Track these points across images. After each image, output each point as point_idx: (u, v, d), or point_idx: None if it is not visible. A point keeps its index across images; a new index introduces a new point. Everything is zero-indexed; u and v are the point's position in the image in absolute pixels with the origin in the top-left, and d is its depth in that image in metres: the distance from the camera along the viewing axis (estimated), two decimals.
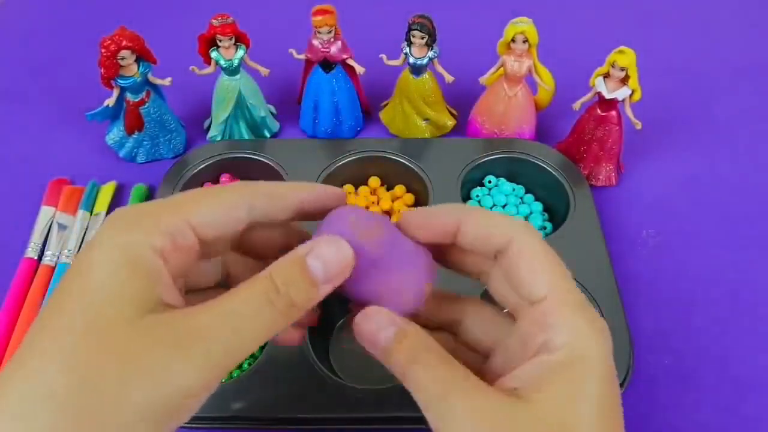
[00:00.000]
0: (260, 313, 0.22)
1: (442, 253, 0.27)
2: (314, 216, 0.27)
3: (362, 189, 0.56)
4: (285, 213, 0.26)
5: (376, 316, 0.24)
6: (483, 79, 0.58)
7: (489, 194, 0.55)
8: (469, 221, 0.25)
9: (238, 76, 0.57)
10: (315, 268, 0.23)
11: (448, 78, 0.57)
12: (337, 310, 0.48)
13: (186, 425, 0.40)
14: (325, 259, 0.23)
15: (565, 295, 0.23)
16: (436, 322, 0.27)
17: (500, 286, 0.26)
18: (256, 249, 0.28)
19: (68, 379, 0.19)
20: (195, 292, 0.27)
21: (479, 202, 0.55)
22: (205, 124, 0.62)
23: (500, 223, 0.25)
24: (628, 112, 0.53)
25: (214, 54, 0.55)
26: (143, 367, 0.20)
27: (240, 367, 0.45)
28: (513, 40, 0.53)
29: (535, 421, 0.20)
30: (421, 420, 0.41)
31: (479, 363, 0.27)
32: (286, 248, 0.24)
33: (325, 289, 0.24)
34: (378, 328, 0.24)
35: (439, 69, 0.57)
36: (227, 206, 0.24)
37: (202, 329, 0.21)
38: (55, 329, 0.20)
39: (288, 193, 0.26)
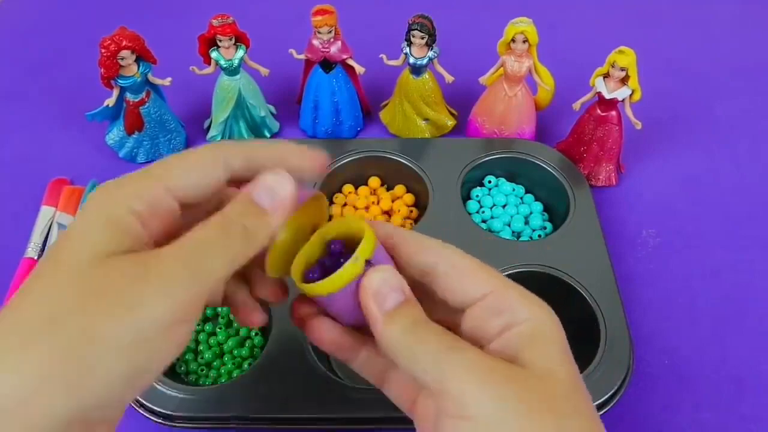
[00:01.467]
0: (218, 239, 0.23)
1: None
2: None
3: (362, 189, 0.56)
4: (261, 167, 0.26)
5: (389, 276, 0.25)
6: (483, 79, 0.58)
7: (489, 194, 0.55)
8: (401, 244, 0.27)
9: (238, 76, 0.57)
10: (261, 198, 0.25)
11: (448, 78, 0.57)
12: None
13: (186, 425, 0.41)
14: (268, 187, 0.25)
15: (508, 286, 0.26)
16: (415, 268, 0.27)
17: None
18: None
19: (39, 314, 0.21)
20: None
21: (479, 202, 0.55)
22: (205, 124, 0.62)
23: (429, 248, 0.27)
24: (628, 112, 0.53)
25: (214, 54, 0.55)
26: (109, 299, 0.21)
27: (240, 366, 0.45)
28: (513, 40, 0.53)
29: (528, 373, 0.23)
30: None
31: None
32: None
33: (275, 218, 0.25)
34: (389, 289, 0.25)
35: (439, 69, 0.57)
36: (202, 166, 0.25)
37: (164, 259, 0.22)
38: (36, 274, 0.22)
39: (261, 149, 0.27)
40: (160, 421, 0.40)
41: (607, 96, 0.52)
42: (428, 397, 0.27)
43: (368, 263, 0.25)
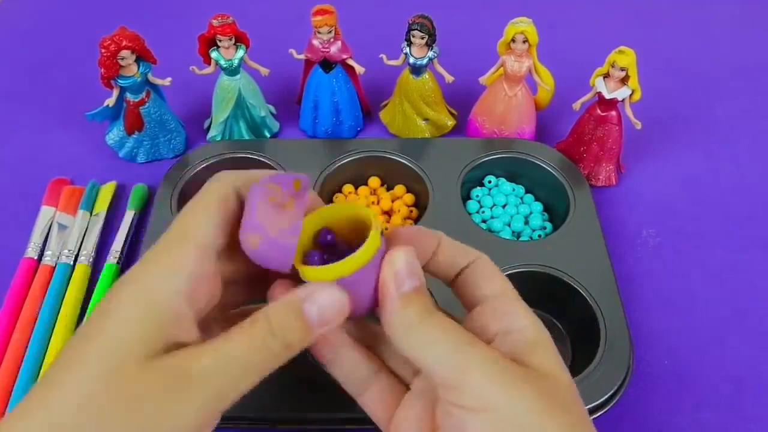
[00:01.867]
0: (256, 356, 0.24)
1: None
2: None
3: (362, 189, 0.56)
4: None
5: (412, 260, 0.26)
6: (483, 79, 0.58)
7: (489, 194, 0.55)
8: (445, 243, 0.29)
9: (238, 76, 0.57)
10: (311, 313, 0.24)
11: (448, 78, 0.57)
12: None
13: None
14: (320, 305, 0.24)
15: (515, 295, 0.28)
16: (453, 267, 0.29)
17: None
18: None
19: (79, 415, 0.21)
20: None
21: (479, 202, 0.55)
22: (205, 124, 0.62)
23: (467, 249, 0.29)
24: (628, 112, 0.53)
25: (214, 54, 0.55)
26: (145, 409, 0.22)
27: None
28: (513, 40, 0.53)
29: (539, 375, 0.24)
30: None
31: None
32: None
33: (320, 332, 0.25)
34: (410, 271, 0.25)
35: (439, 69, 0.57)
36: (223, 208, 0.26)
37: (201, 374, 0.23)
38: (74, 364, 0.22)
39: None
40: None
41: (607, 96, 0.52)
42: (417, 401, 0.27)
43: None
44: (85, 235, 0.52)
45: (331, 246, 0.27)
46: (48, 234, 0.52)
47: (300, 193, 0.25)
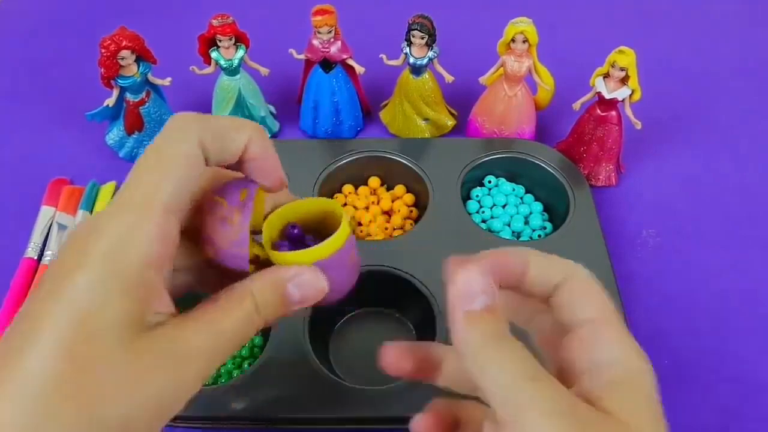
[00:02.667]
0: (243, 331, 0.24)
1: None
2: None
3: (362, 189, 0.56)
4: (232, 158, 0.25)
5: (475, 276, 0.24)
6: (483, 79, 0.58)
7: (489, 194, 0.55)
8: (535, 259, 0.25)
9: (238, 76, 0.57)
10: (293, 294, 0.25)
11: (448, 78, 0.57)
12: (336, 310, 0.48)
13: (186, 425, 0.41)
14: (304, 288, 0.25)
15: (613, 319, 0.25)
16: (544, 285, 0.25)
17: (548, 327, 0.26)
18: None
19: (56, 383, 0.20)
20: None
21: (479, 202, 0.55)
22: None
23: (560, 263, 0.25)
24: (628, 112, 0.53)
25: (214, 54, 0.55)
26: (143, 390, 0.21)
27: (240, 366, 0.45)
28: (513, 40, 0.53)
29: (612, 422, 0.21)
30: None
31: None
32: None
33: (294, 310, 0.26)
34: (478, 288, 0.23)
35: (439, 69, 0.57)
36: (185, 166, 0.24)
37: (195, 353, 0.23)
38: (47, 337, 0.20)
39: (236, 135, 0.25)
40: None
41: (607, 96, 0.52)
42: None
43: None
44: None
45: (299, 239, 0.28)
46: (48, 234, 0.52)
47: (245, 203, 0.26)
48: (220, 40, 0.54)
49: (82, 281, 0.21)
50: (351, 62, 0.57)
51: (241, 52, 0.56)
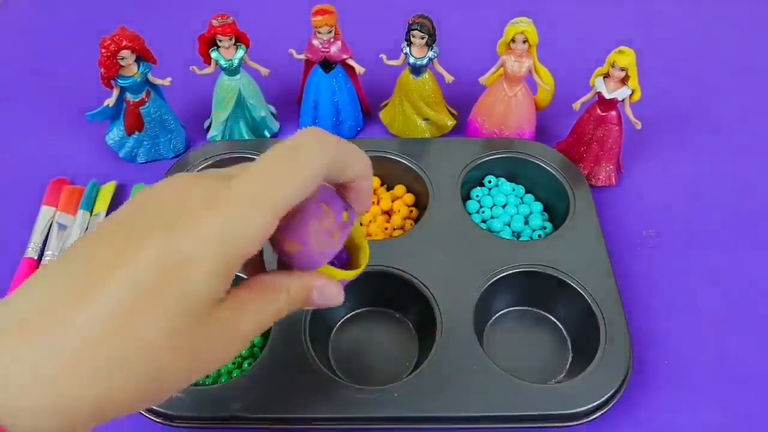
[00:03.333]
0: (272, 320, 0.28)
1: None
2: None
3: None
4: (343, 181, 0.29)
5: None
6: (483, 79, 0.58)
7: (489, 194, 0.55)
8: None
9: (238, 76, 0.57)
10: (315, 299, 0.29)
11: (448, 78, 0.57)
12: (337, 310, 0.48)
13: (186, 425, 0.41)
14: (326, 298, 0.29)
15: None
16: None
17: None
18: None
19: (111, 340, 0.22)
20: None
21: (479, 202, 0.55)
22: (205, 124, 0.62)
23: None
24: (628, 112, 0.53)
25: (214, 54, 0.55)
26: (200, 356, 0.24)
27: (240, 366, 0.45)
28: (513, 40, 0.53)
29: None
30: (421, 420, 0.41)
31: None
32: None
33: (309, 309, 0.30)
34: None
35: (439, 69, 0.57)
36: (310, 185, 0.26)
37: (242, 335, 0.26)
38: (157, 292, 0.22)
39: (353, 163, 0.28)
40: (160, 420, 0.40)
41: (607, 96, 0.52)
42: None
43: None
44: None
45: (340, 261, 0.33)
46: (48, 234, 0.52)
47: (346, 225, 0.29)
48: (220, 40, 0.54)
49: (187, 249, 0.23)
50: (351, 62, 0.57)
51: (241, 52, 0.56)
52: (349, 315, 0.49)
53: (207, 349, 0.24)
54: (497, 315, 0.48)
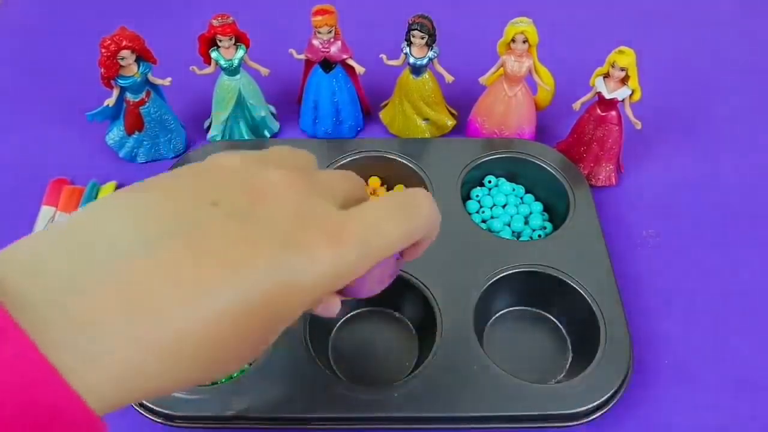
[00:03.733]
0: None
1: None
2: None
3: None
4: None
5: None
6: (483, 79, 0.58)
7: (489, 194, 0.55)
8: None
9: (238, 76, 0.57)
10: (317, 311, 0.28)
11: (448, 78, 0.57)
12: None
13: (186, 425, 0.41)
14: (325, 311, 0.29)
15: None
16: None
17: None
18: None
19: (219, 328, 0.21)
20: None
21: (479, 202, 0.55)
22: (205, 124, 0.62)
23: None
24: (628, 112, 0.53)
25: (214, 54, 0.55)
26: (246, 346, 0.24)
27: None
28: (513, 40, 0.53)
29: None
30: (421, 420, 0.41)
31: None
32: None
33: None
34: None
35: (439, 69, 0.57)
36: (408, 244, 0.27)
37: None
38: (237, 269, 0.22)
39: (429, 233, 0.29)
40: (160, 421, 0.40)
41: (607, 96, 0.52)
42: None
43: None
44: None
45: None
46: None
47: (396, 270, 0.31)
48: (220, 40, 0.54)
49: (304, 279, 0.23)
50: (351, 62, 0.57)
51: (241, 52, 0.56)
52: (349, 315, 0.49)
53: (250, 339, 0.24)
54: (497, 315, 0.48)
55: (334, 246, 0.23)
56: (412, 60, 0.55)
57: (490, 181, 0.56)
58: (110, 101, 0.55)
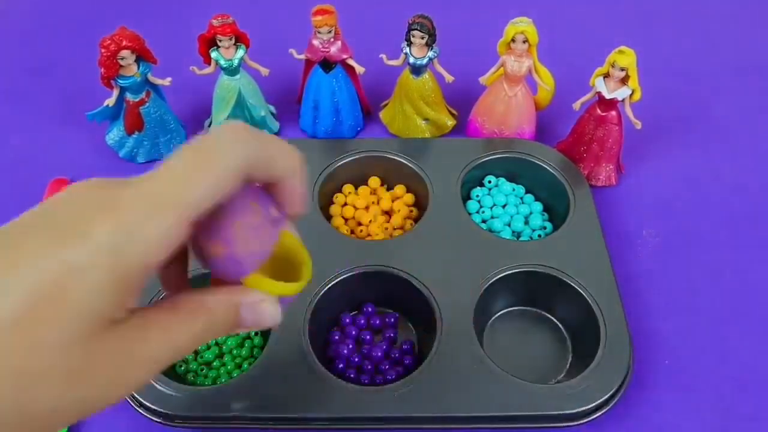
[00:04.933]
0: (192, 344, 0.24)
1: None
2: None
3: (362, 189, 0.56)
4: (271, 180, 0.26)
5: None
6: (483, 79, 0.58)
7: (489, 194, 0.55)
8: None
9: (238, 76, 0.57)
10: (245, 319, 0.25)
11: (448, 78, 0.57)
12: (337, 309, 0.48)
13: (186, 425, 0.41)
14: (258, 317, 0.26)
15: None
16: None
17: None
18: None
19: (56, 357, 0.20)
20: None
21: (479, 202, 0.55)
22: (205, 124, 0.62)
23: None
24: (628, 112, 0.53)
25: (214, 54, 0.55)
26: (94, 381, 0.21)
27: (240, 366, 0.45)
28: (513, 40, 0.53)
29: None
30: (421, 420, 0.41)
31: None
32: None
33: (243, 331, 0.26)
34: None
35: (439, 69, 0.57)
36: (224, 183, 0.23)
37: (146, 356, 0.23)
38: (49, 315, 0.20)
39: (283, 163, 0.25)
40: (159, 420, 0.40)
41: (607, 96, 0.52)
42: None
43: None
44: None
45: None
46: None
47: (277, 220, 0.26)
48: (220, 40, 0.54)
49: (78, 259, 0.20)
50: (351, 62, 0.57)
51: (241, 52, 0.56)
52: (350, 315, 0.48)
53: (103, 373, 0.21)
54: (497, 315, 0.48)
55: (108, 213, 0.21)
56: (412, 60, 0.55)
57: (490, 181, 0.56)
58: (110, 101, 0.55)
